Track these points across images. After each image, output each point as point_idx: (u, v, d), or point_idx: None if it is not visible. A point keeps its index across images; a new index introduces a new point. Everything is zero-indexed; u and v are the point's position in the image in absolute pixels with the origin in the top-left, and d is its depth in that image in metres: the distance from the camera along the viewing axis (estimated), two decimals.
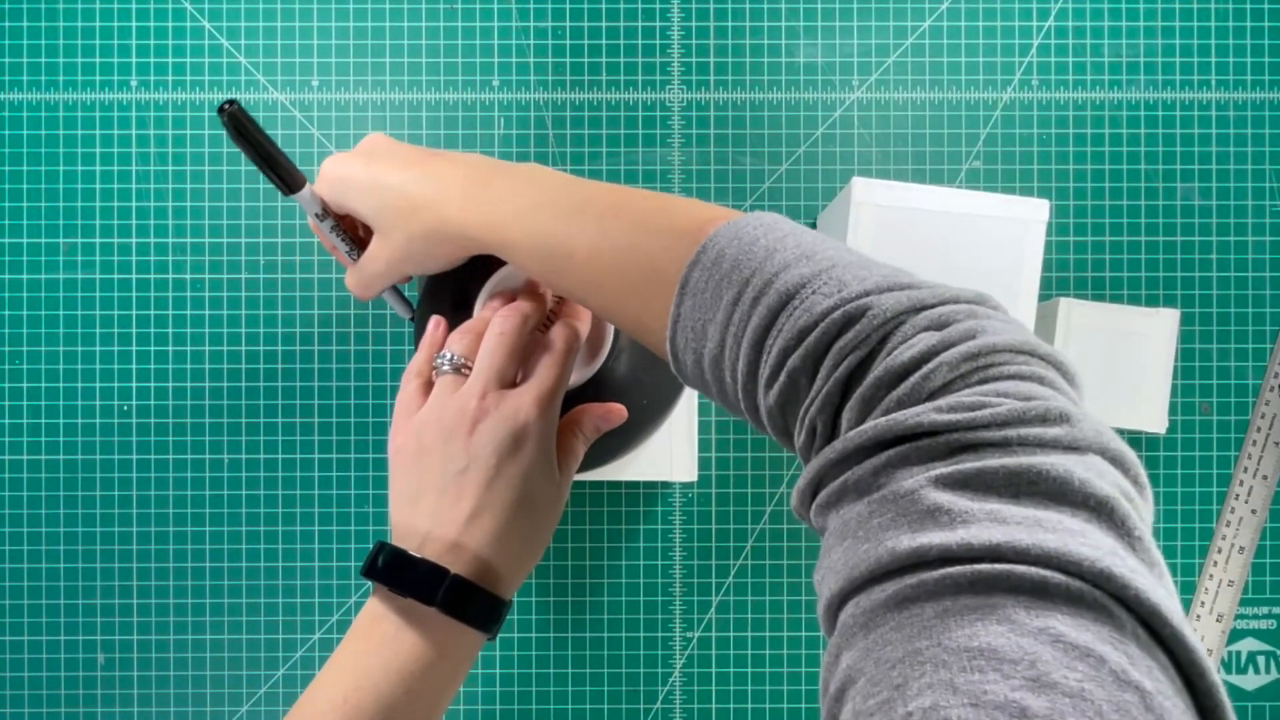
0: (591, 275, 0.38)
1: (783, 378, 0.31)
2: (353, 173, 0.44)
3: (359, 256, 0.48)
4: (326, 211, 0.47)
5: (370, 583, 0.41)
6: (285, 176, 0.45)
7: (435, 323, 0.46)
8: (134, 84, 0.65)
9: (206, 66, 0.65)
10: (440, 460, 0.41)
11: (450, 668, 0.40)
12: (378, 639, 0.39)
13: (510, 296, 0.46)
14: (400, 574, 0.39)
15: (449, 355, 0.43)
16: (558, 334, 0.44)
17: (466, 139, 0.65)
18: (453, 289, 0.48)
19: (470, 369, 0.43)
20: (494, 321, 0.43)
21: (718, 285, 0.33)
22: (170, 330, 0.65)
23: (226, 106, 0.42)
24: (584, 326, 0.46)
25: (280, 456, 0.65)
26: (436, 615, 0.39)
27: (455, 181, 0.42)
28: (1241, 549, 0.65)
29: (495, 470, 0.40)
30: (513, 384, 0.43)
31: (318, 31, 0.65)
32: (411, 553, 0.40)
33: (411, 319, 0.54)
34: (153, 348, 0.65)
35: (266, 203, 0.65)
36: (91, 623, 0.64)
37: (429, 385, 0.44)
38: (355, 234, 0.49)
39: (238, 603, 0.64)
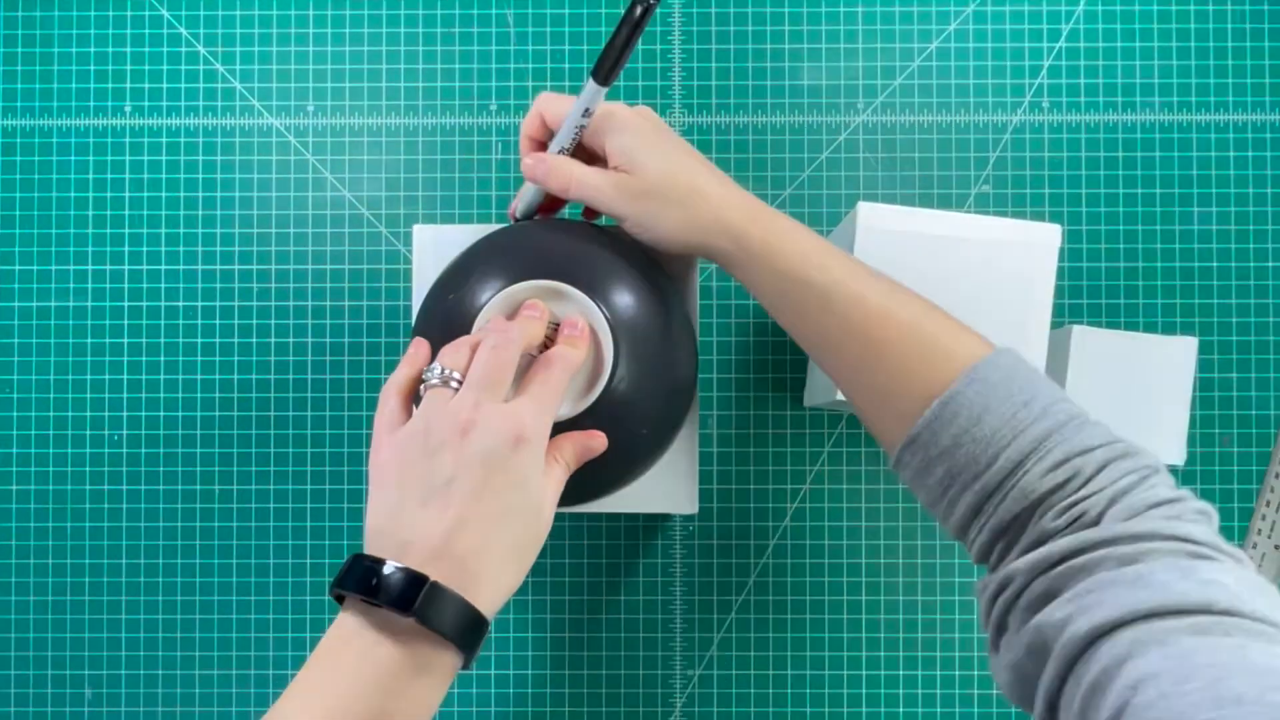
0: (844, 328, 0.43)
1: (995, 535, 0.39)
2: (638, 122, 0.47)
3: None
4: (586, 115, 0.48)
5: (340, 605, 0.39)
6: (616, 69, 0.45)
7: (417, 344, 0.45)
8: (128, 110, 0.64)
9: (201, 92, 0.64)
10: (426, 471, 0.39)
11: (426, 691, 0.38)
12: (349, 659, 0.37)
13: (509, 318, 0.45)
14: (376, 583, 0.37)
15: (439, 368, 0.42)
16: (555, 355, 0.43)
17: (463, 164, 0.64)
18: (441, 319, 0.47)
19: (460, 383, 0.42)
20: (488, 336, 0.42)
21: (961, 434, 0.39)
22: (162, 358, 0.64)
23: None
24: (582, 352, 0.45)
25: (272, 487, 0.63)
26: (414, 629, 0.37)
27: (739, 191, 0.47)
28: None
29: (483, 482, 0.39)
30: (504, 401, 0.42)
31: (313, 56, 0.65)
32: (389, 561, 0.38)
33: (520, 218, 0.54)
34: (144, 376, 0.64)
35: (260, 229, 0.64)
36: (79, 656, 0.63)
37: (409, 402, 0.43)
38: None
39: (227, 636, 0.63)
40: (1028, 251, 0.53)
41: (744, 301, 0.64)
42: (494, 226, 0.52)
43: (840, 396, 0.52)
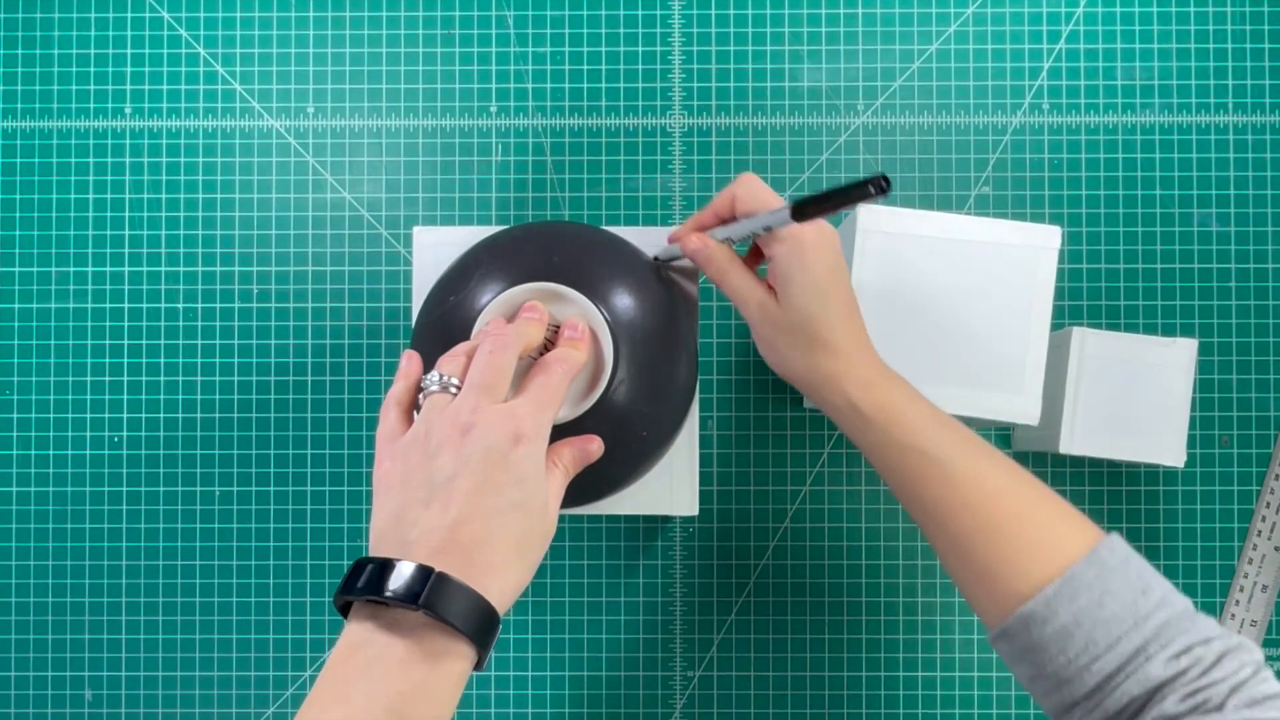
0: (959, 501, 0.44)
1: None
2: (808, 248, 0.46)
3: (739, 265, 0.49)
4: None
5: (344, 617, 0.39)
6: (817, 216, 0.43)
7: (408, 357, 0.45)
8: (128, 111, 0.64)
9: (201, 94, 0.64)
10: (428, 472, 0.39)
11: (443, 688, 0.37)
12: (359, 666, 0.36)
13: (509, 320, 0.45)
14: (382, 582, 0.36)
15: (438, 375, 0.42)
16: (555, 357, 0.43)
17: (464, 165, 0.64)
18: (441, 321, 0.47)
19: (459, 388, 0.42)
20: (486, 340, 0.42)
21: (1081, 614, 0.41)
22: (162, 360, 0.64)
23: (885, 184, 0.41)
24: (582, 354, 0.45)
25: (272, 489, 0.63)
26: (424, 624, 0.37)
27: (869, 353, 0.47)
28: (1264, 587, 0.63)
29: (484, 477, 0.38)
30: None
31: (313, 58, 0.65)
32: (394, 559, 0.37)
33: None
34: (144, 378, 0.64)
35: (260, 231, 0.64)
36: (80, 658, 0.63)
37: (409, 414, 0.43)
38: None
39: (228, 638, 0.63)
40: (1028, 253, 0.53)
41: None
42: (494, 228, 0.52)
43: None
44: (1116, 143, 0.64)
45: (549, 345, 0.46)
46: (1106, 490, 0.63)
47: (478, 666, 0.39)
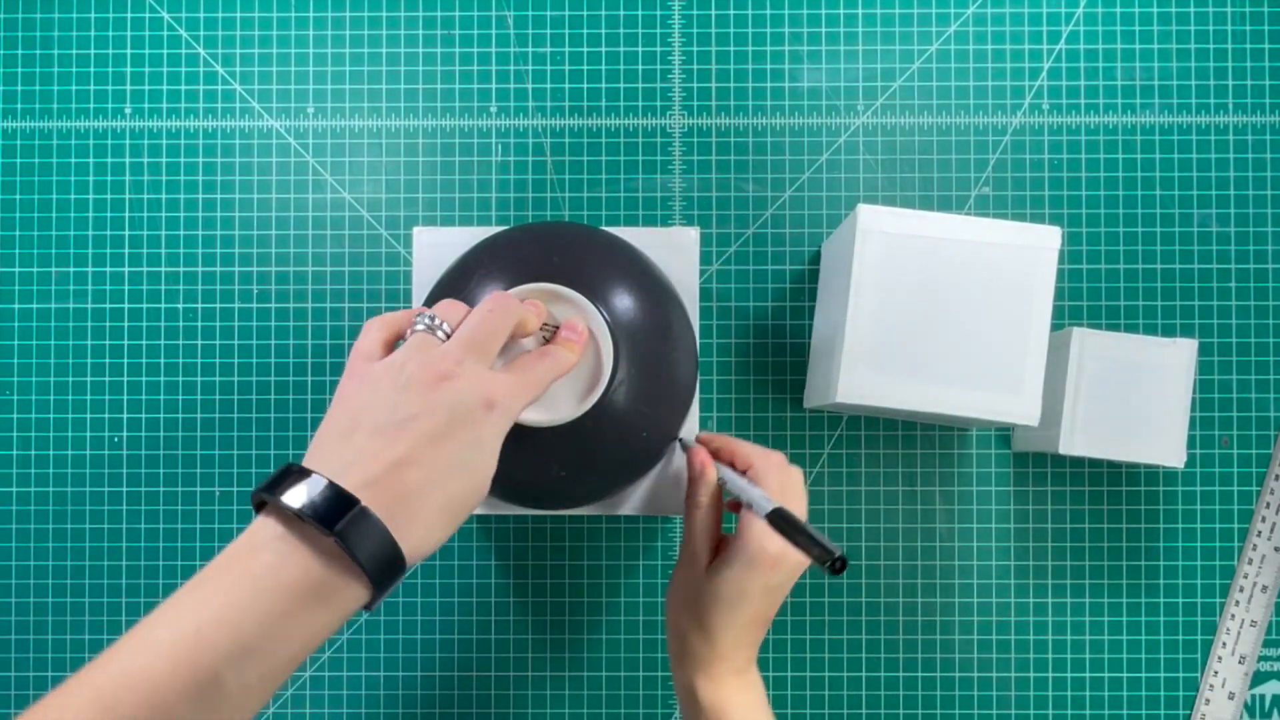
0: None
1: None
2: (760, 567, 0.48)
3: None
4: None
5: (257, 513, 0.37)
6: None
7: (419, 308, 0.45)
8: (128, 111, 0.64)
9: (201, 94, 0.64)
10: (389, 404, 0.38)
11: (323, 619, 0.36)
12: (254, 569, 0.35)
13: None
14: (305, 495, 0.35)
15: (431, 315, 0.42)
16: (548, 350, 0.44)
17: (464, 165, 0.64)
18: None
19: (449, 336, 0.41)
20: (487, 300, 0.42)
21: None
22: (162, 360, 0.64)
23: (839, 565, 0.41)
24: (574, 357, 0.45)
25: None
26: (331, 551, 0.35)
27: (740, 669, 0.49)
28: (1264, 588, 0.63)
29: (444, 429, 0.38)
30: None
31: (313, 58, 0.65)
32: (323, 475, 0.36)
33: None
34: (144, 378, 0.64)
35: (260, 231, 0.64)
36: (79, 658, 0.63)
37: (390, 343, 0.43)
38: None
39: None
40: (1028, 253, 0.53)
41: (744, 303, 0.64)
42: (494, 229, 0.52)
43: (840, 399, 0.52)
44: (1116, 143, 0.64)
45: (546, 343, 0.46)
46: (1106, 490, 0.63)
47: (367, 607, 0.37)
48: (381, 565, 0.36)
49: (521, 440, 0.46)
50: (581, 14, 0.64)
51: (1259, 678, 0.63)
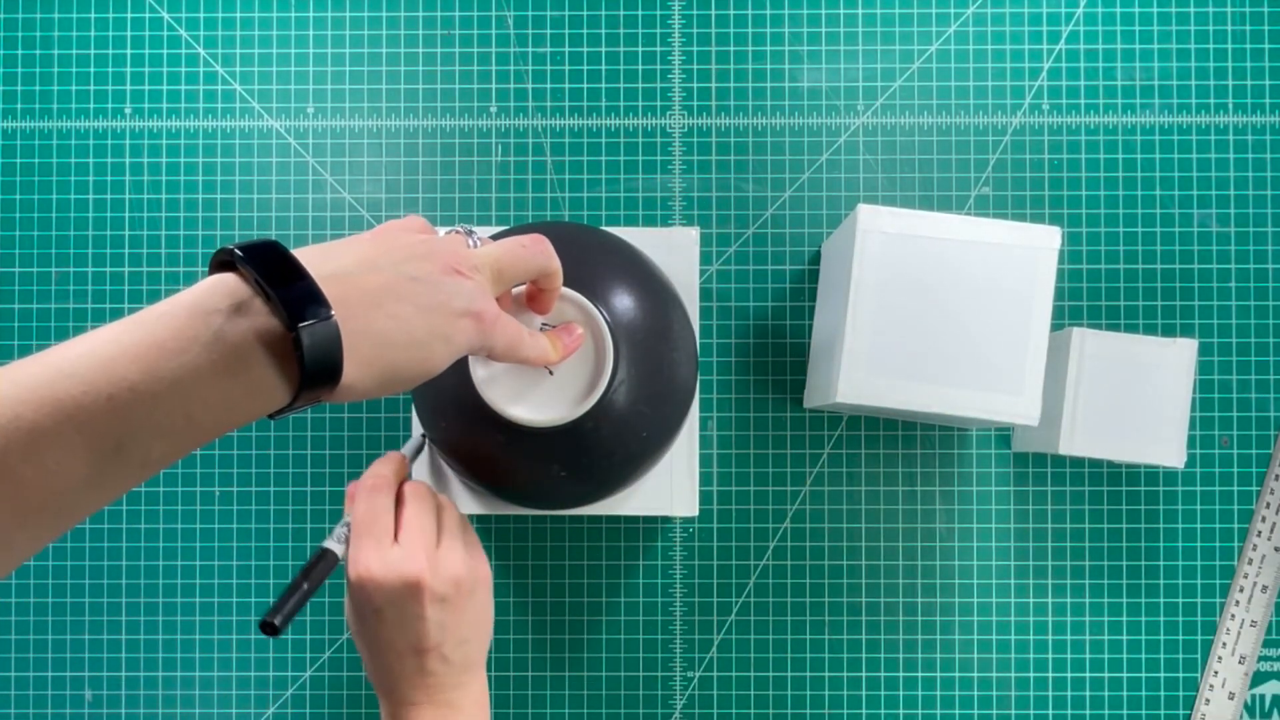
0: None
1: None
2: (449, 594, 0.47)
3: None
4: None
5: (211, 270, 0.35)
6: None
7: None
8: (128, 111, 0.64)
9: (201, 94, 0.64)
10: (398, 257, 0.37)
11: (239, 409, 0.33)
12: (189, 333, 0.32)
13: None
14: (282, 275, 0.33)
15: (470, 229, 0.42)
16: (543, 337, 0.44)
17: (464, 165, 0.64)
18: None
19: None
20: (527, 235, 0.42)
21: None
22: None
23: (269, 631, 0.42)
24: (554, 357, 0.45)
25: (272, 489, 0.63)
26: (279, 340, 0.32)
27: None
28: (1264, 588, 0.63)
29: (429, 302, 0.36)
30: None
31: (313, 58, 0.65)
32: (312, 270, 0.34)
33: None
34: None
35: (260, 231, 0.64)
36: (80, 658, 0.63)
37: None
38: None
39: (227, 639, 0.63)
40: (1028, 254, 0.53)
41: (744, 303, 0.64)
42: (494, 229, 0.52)
43: (840, 399, 0.52)
44: (1116, 143, 0.64)
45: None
46: (1106, 490, 0.63)
47: (274, 414, 0.35)
48: (314, 379, 0.34)
49: (521, 440, 0.46)
50: (581, 14, 0.65)
51: (1259, 678, 0.63)
